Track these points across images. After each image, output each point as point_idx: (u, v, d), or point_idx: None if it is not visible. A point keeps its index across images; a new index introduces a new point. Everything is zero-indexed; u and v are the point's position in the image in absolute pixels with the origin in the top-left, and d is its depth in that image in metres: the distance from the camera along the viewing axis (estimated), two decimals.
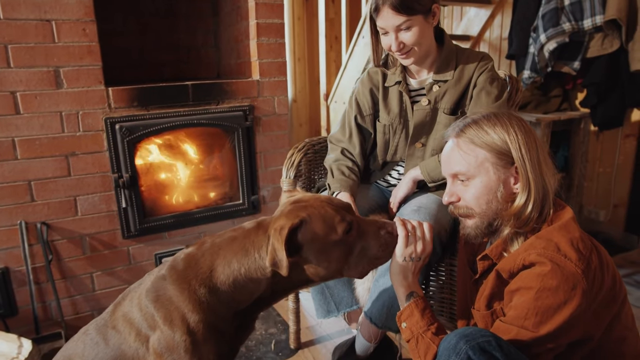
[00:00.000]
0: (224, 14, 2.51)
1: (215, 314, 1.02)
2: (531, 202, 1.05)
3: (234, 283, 1.02)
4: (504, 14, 3.21)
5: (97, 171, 1.95)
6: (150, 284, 1.04)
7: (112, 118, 1.92)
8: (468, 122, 1.13)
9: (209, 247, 1.05)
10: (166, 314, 0.99)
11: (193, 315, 0.99)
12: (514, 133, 1.06)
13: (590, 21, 2.50)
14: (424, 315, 1.09)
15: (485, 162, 1.08)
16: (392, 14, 1.37)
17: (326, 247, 1.02)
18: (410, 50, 1.44)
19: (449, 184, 1.17)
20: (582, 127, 2.89)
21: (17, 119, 1.78)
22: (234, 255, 1.02)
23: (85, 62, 1.85)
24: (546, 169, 1.07)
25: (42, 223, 1.88)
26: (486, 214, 1.10)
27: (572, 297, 0.94)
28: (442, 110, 1.52)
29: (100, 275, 2.04)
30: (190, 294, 1.00)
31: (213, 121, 2.12)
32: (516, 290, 1.01)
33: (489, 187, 1.09)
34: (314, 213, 1.02)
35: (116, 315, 1.06)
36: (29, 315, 1.92)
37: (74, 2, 1.79)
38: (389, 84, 1.60)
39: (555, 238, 1.00)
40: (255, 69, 2.24)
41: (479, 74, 1.50)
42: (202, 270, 1.02)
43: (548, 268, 0.96)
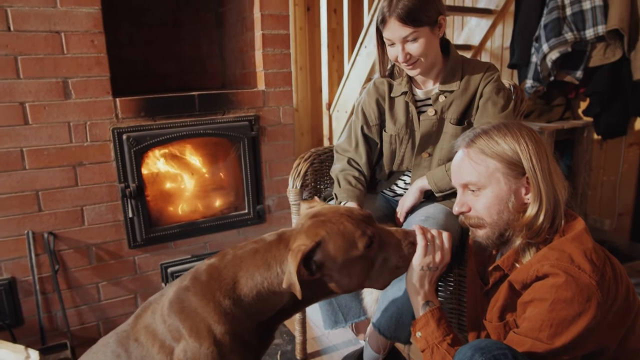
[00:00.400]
0: (229, 25, 2.53)
1: (241, 325, 1.02)
2: (543, 212, 1.04)
3: (257, 295, 1.02)
4: (505, 23, 3.24)
5: (104, 181, 1.95)
6: (173, 295, 1.04)
7: (120, 128, 1.93)
8: (478, 132, 1.13)
9: (231, 259, 1.05)
10: (192, 325, 0.99)
11: (219, 327, 0.99)
12: (524, 143, 1.06)
13: (592, 31, 2.53)
14: (439, 326, 1.08)
15: (496, 173, 1.08)
16: (399, 26, 1.38)
17: (347, 263, 1.02)
18: (416, 61, 1.45)
19: (459, 194, 1.17)
20: (586, 135, 2.90)
21: (25, 130, 1.79)
22: (257, 268, 1.03)
23: (94, 73, 1.87)
24: (557, 179, 1.08)
25: (49, 233, 1.88)
26: (497, 224, 1.10)
27: (586, 309, 0.94)
28: (448, 120, 1.53)
29: (106, 285, 2.04)
30: (215, 306, 1.00)
31: (219, 131, 2.13)
32: (530, 301, 1.01)
33: (500, 198, 1.09)
34: (333, 229, 1.02)
35: (138, 327, 1.05)
36: (35, 326, 1.91)
37: (83, 14, 1.81)
38: (395, 94, 1.61)
39: (569, 249, 1.00)
40: (260, 79, 2.25)
41: (485, 84, 1.51)
42: (225, 282, 1.02)
43: (562, 279, 0.95)
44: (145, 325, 1.03)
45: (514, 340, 1.01)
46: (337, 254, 1.01)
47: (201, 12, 2.60)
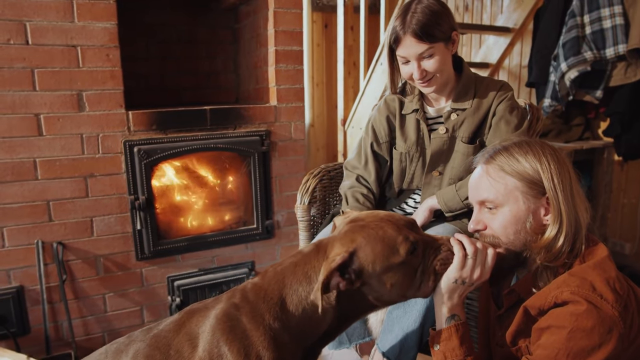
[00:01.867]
0: (244, 41, 2.56)
1: (287, 351, 0.97)
2: (563, 235, 0.99)
3: (303, 313, 0.98)
4: (524, 42, 3.20)
5: (114, 193, 1.97)
6: (221, 312, 0.99)
7: (131, 141, 1.95)
8: (498, 148, 1.09)
9: (273, 276, 1.01)
10: (240, 348, 0.95)
11: (267, 353, 0.95)
12: (546, 162, 1.02)
13: (613, 50, 2.47)
14: (462, 343, 1.02)
15: (515, 191, 1.04)
16: (415, 42, 1.36)
17: (388, 271, 0.96)
18: (432, 78, 1.42)
19: (475, 211, 1.13)
20: (606, 156, 2.82)
21: (39, 140, 1.82)
22: (299, 283, 0.98)
23: (108, 87, 1.90)
24: (579, 202, 1.02)
25: (58, 243, 1.90)
26: (513, 245, 1.06)
27: (607, 341, 0.88)
28: (460, 139, 1.50)
29: (113, 296, 2.04)
30: (265, 330, 0.96)
31: (230, 145, 2.13)
32: (546, 328, 0.96)
33: (518, 217, 1.04)
34: (371, 235, 0.97)
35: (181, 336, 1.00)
36: (41, 335, 1.92)
37: (99, 29, 1.85)
38: (406, 112, 1.59)
39: (590, 276, 0.95)
40: (273, 95, 2.26)
41: (498, 103, 1.48)
42: (273, 302, 0.98)
43: (584, 307, 0.90)
44: (190, 337, 0.99)
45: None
46: (376, 260, 0.95)
47: (217, 28, 2.64)
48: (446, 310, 1.04)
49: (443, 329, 1.03)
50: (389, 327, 1.42)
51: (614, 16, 2.44)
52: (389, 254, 0.96)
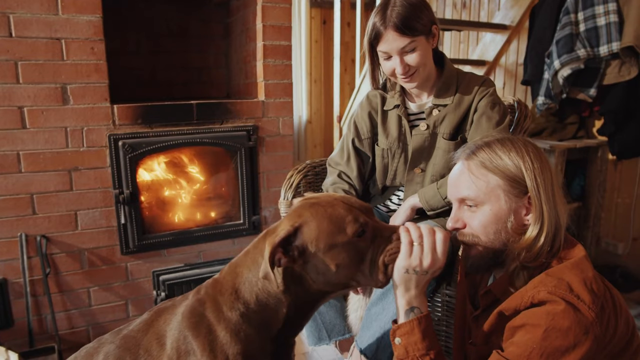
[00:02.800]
0: (235, 36, 2.55)
1: (253, 344, 0.96)
2: (543, 235, 0.98)
3: (257, 301, 0.96)
4: (520, 39, 3.17)
5: (99, 186, 1.97)
6: (187, 309, 0.99)
7: (116, 135, 1.95)
8: (480, 144, 1.07)
9: (227, 269, 1.01)
10: (205, 343, 0.94)
11: (232, 346, 0.94)
12: (529, 161, 1.00)
13: (607, 48, 2.44)
14: (425, 337, 0.97)
15: (497, 189, 1.01)
16: (396, 36, 1.34)
17: (332, 249, 0.92)
18: (415, 72, 1.41)
19: (454, 208, 1.10)
20: (600, 155, 2.80)
21: (23, 133, 1.82)
22: (249, 269, 0.97)
23: (92, 80, 1.89)
24: (559, 202, 1.01)
25: (42, 236, 1.90)
26: (492, 244, 1.03)
27: (582, 342, 0.87)
28: (441, 135, 1.49)
29: (97, 290, 2.04)
30: (227, 324, 0.95)
31: (216, 140, 2.12)
32: (521, 326, 0.93)
33: (499, 216, 1.02)
34: (319, 212, 0.94)
35: (149, 335, 1.00)
36: (24, 328, 1.93)
37: (84, 21, 1.84)
38: (387, 108, 1.57)
39: (567, 277, 0.93)
40: (260, 90, 2.25)
41: (480, 99, 1.46)
42: (228, 294, 0.97)
43: (561, 307, 0.88)
44: (158, 336, 0.98)
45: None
46: (320, 237, 0.91)
47: (209, 23, 2.63)
48: (404, 303, 0.99)
49: (404, 322, 0.99)
50: (367, 324, 1.42)
51: (608, 14, 2.41)
52: (334, 232, 0.92)
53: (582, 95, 2.62)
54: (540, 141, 2.71)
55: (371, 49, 1.45)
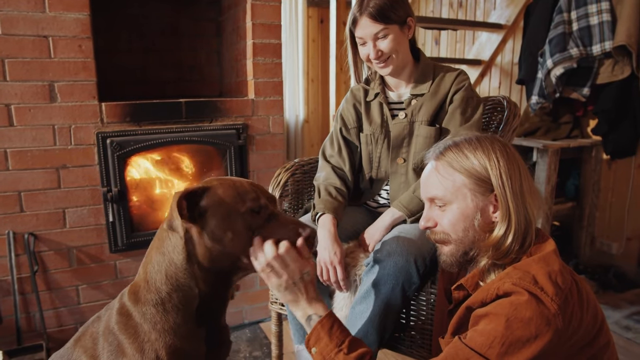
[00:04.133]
0: (226, 34, 2.54)
1: (172, 333, 0.99)
2: (511, 233, 0.99)
3: (167, 277, 0.99)
4: (516, 38, 3.16)
5: (87, 184, 1.96)
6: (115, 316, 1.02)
7: (104, 133, 1.95)
8: (449, 144, 1.09)
9: (143, 263, 1.05)
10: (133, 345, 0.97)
11: (159, 342, 0.97)
12: (495, 159, 1.01)
13: (600, 47, 2.43)
14: (332, 336, 1.02)
15: (463, 188, 1.03)
16: (370, 23, 1.42)
17: (230, 217, 0.97)
18: (388, 58, 1.48)
19: (426, 208, 1.13)
20: (594, 155, 2.79)
21: (10, 131, 1.82)
22: (157, 250, 1.01)
23: (80, 78, 1.89)
24: (530, 199, 1.02)
25: (29, 234, 1.90)
26: (462, 242, 1.05)
27: (543, 333, 0.87)
28: (419, 123, 1.53)
29: (86, 288, 2.04)
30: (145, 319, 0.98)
31: (205, 139, 2.12)
32: (484, 315, 0.95)
33: (466, 215, 1.03)
34: (228, 182, 1.01)
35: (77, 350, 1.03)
36: (12, 326, 1.93)
37: (71, 19, 1.84)
38: (370, 99, 1.64)
39: (533, 270, 0.94)
40: (250, 88, 2.25)
41: (456, 91, 1.52)
42: (144, 284, 1.00)
43: (524, 298, 0.90)
44: (85, 349, 1.01)
45: (459, 350, 0.94)
46: (222, 202, 0.97)
47: (201, 21, 2.63)
48: (300, 316, 1.05)
49: (311, 331, 1.04)
50: (352, 323, 1.42)
51: (601, 12, 2.41)
52: (236, 201, 0.98)
53: (575, 95, 2.61)
54: (534, 141, 2.70)
55: (351, 37, 1.53)
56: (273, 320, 1.89)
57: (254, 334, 2.28)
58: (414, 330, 1.55)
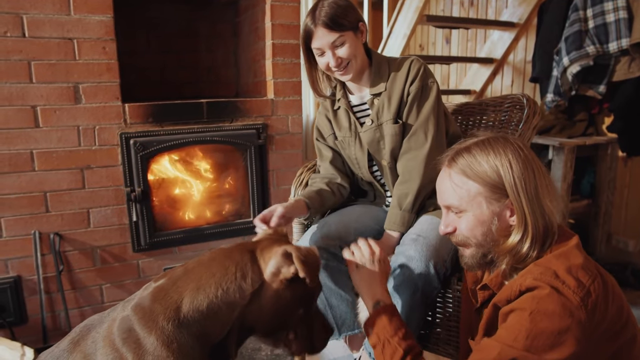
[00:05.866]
0: (243, 35, 2.56)
1: (187, 356, 0.92)
2: (528, 238, 0.99)
3: (207, 308, 0.93)
4: (528, 37, 3.16)
5: (111, 184, 1.99)
6: (115, 324, 0.95)
7: (127, 133, 1.97)
8: (461, 148, 1.08)
9: (182, 274, 0.97)
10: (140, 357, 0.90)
11: (167, 357, 0.90)
12: (507, 163, 1.00)
13: (616, 44, 2.43)
14: (391, 322, 1.09)
15: (478, 197, 1.03)
16: (326, 32, 1.45)
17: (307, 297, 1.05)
18: (348, 64, 1.51)
19: (444, 214, 1.14)
20: (609, 152, 2.78)
21: (36, 132, 1.84)
22: (212, 276, 0.95)
23: (104, 79, 1.91)
24: (548, 201, 1.01)
25: (55, 234, 1.92)
26: (482, 245, 1.06)
27: (567, 325, 0.88)
28: (385, 123, 1.56)
29: (110, 287, 2.07)
30: (159, 334, 0.91)
31: (226, 138, 2.14)
32: (510, 311, 0.96)
33: (482, 221, 1.04)
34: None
35: (75, 355, 0.96)
36: (38, 324, 1.95)
37: (95, 22, 1.86)
38: (335, 107, 1.68)
39: (554, 265, 0.95)
40: (270, 88, 2.26)
41: (412, 81, 1.54)
42: (171, 301, 0.93)
43: (546, 292, 0.91)
44: (85, 355, 0.94)
45: (483, 345, 0.96)
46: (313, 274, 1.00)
47: (217, 22, 2.65)
48: (370, 300, 1.15)
49: (371, 314, 1.13)
50: None
51: (617, 10, 2.40)
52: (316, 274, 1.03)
53: (591, 92, 2.60)
54: (549, 138, 2.70)
55: (307, 50, 1.56)
56: None
57: None
58: (440, 327, 1.56)
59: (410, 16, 2.91)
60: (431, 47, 4.12)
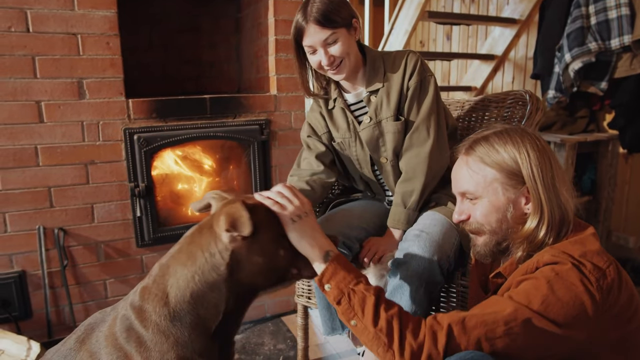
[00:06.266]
0: (246, 31, 2.56)
1: (186, 346, 0.94)
2: (544, 224, 1.00)
3: (192, 296, 0.95)
4: (530, 33, 3.17)
5: (115, 180, 1.99)
6: (117, 323, 0.98)
7: (131, 129, 1.97)
8: (478, 138, 1.10)
9: (159, 271, 0.99)
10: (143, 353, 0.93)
11: (168, 354, 0.93)
12: (525, 152, 1.03)
13: (618, 41, 2.44)
14: (349, 270, 1.01)
15: (494, 182, 1.05)
16: (318, 29, 1.39)
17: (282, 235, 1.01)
18: (341, 63, 1.45)
19: (458, 201, 1.15)
20: (610, 149, 2.80)
21: (40, 127, 1.85)
22: (184, 266, 0.96)
23: (108, 75, 1.91)
24: (563, 190, 1.03)
25: (59, 229, 1.92)
26: (496, 232, 1.07)
27: (583, 300, 0.90)
28: (385, 120, 1.53)
29: (114, 282, 2.07)
30: (155, 332, 0.93)
31: (229, 134, 2.14)
32: (525, 279, 0.97)
33: (497, 208, 1.05)
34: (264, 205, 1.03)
35: (82, 354, 0.98)
36: (43, 319, 1.96)
37: (99, 17, 1.86)
38: (330, 107, 1.63)
39: (569, 250, 0.97)
40: (273, 84, 2.27)
41: (410, 77, 1.51)
42: (157, 299, 0.95)
43: (567, 266, 0.93)
44: (91, 353, 0.97)
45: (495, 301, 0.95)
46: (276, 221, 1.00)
47: (220, 18, 2.64)
48: (318, 251, 1.02)
49: (325, 266, 1.01)
50: None
51: (620, 6, 2.41)
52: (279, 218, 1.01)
53: (593, 89, 2.62)
54: (551, 135, 2.71)
55: (298, 48, 1.50)
56: (299, 313, 1.92)
57: (277, 327, 2.30)
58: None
59: (412, 12, 2.91)
60: (432, 44, 4.12)
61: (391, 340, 0.93)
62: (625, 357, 0.99)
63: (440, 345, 0.90)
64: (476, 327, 0.91)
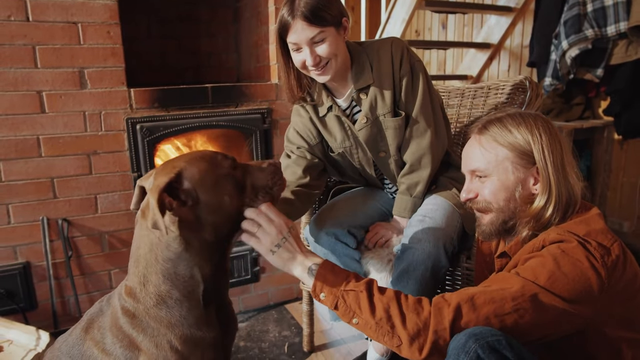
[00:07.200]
0: (245, 20, 2.55)
1: (180, 325, 0.98)
2: (552, 204, 1.04)
3: (164, 277, 0.97)
4: (525, 21, 3.19)
5: (118, 170, 1.99)
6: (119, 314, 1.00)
7: (133, 118, 1.96)
8: (492, 119, 1.13)
9: (130, 265, 1.02)
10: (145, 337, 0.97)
11: (168, 335, 0.97)
12: (537, 134, 1.06)
13: (614, 27, 2.46)
14: (336, 274, 1.02)
15: (505, 161, 1.08)
16: (305, 26, 1.29)
17: (218, 183, 0.98)
18: (327, 64, 1.36)
19: (467, 180, 1.18)
20: (606, 135, 2.84)
21: (42, 118, 1.83)
22: (144, 253, 0.98)
23: (109, 64, 1.90)
24: (571, 172, 1.06)
25: (63, 219, 1.92)
26: (503, 211, 1.10)
27: (588, 276, 0.93)
28: (383, 116, 1.48)
29: (118, 272, 2.07)
30: (151, 317, 0.97)
31: (231, 123, 2.14)
32: (532, 257, 1.00)
33: (506, 186, 1.08)
34: (192, 156, 1.00)
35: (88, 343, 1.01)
36: (48, 310, 1.96)
37: (100, 5, 1.84)
38: (322, 114, 1.53)
39: (574, 229, 0.99)
40: (274, 73, 2.26)
41: (399, 66, 1.44)
42: (139, 291, 0.98)
43: (573, 244, 0.95)
44: (96, 342, 1.00)
45: (503, 277, 0.98)
46: (204, 176, 0.96)
47: (218, 7, 2.63)
48: (301, 270, 1.03)
49: (314, 281, 1.02)
50: None
51: None
52: (213, 168, 0.99)
53: (589, 76, 2.65)
54: None
55: (282, 44, 1.40)
56: (304, 300, 1.94)
57: (281, 314, 2.32)
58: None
59: (409, 1, 2.91)
60: (427, 33, 4.13)
61: (393, 327, 0.94)
62: (630, 332, 1.02)
63: (447, 320, 0.92)
64: (485, 304, 0.93)
